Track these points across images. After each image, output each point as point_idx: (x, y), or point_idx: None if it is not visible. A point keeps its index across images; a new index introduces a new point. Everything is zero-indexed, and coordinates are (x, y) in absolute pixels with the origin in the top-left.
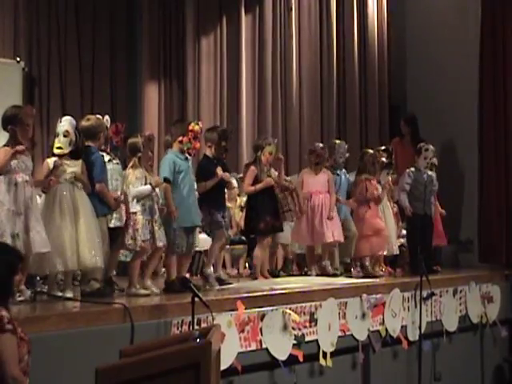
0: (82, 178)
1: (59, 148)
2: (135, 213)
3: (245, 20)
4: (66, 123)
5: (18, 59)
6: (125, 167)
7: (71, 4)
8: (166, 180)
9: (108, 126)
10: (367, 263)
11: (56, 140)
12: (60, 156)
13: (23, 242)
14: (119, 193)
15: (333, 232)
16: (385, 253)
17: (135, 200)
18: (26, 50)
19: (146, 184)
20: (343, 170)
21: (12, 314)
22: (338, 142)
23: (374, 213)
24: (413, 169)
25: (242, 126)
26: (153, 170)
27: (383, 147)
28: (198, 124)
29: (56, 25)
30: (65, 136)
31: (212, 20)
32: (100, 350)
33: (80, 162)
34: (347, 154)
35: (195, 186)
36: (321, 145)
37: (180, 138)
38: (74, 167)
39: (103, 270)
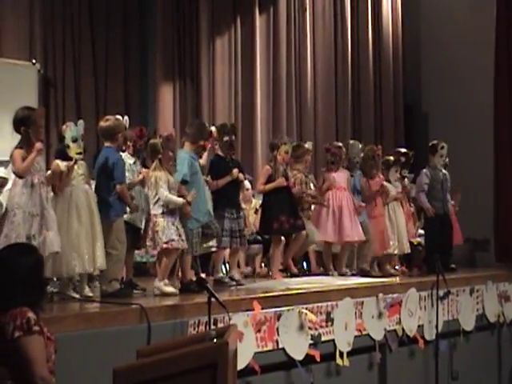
0: (89, 180)
1: (80, 153)
2: (156, 215)
3: (259, 20)
4: (81, 127)
5: (34, 61)
6: (144, 167)
7: (85, 6)
8: (184, 182)
9: (127, 126)
10: (380, 262)
11: (75, 145)
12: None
13: (38, 244)
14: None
15: (356, 232)
16: (395, 252)
17: (157, 203)
18: (42, 52)
19: (168, 187)
20: (358, 172)
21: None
22: (351, 142)
23: (379, 211)
24: (428, 168)
25: (256, 126)
26: (175, 171)
27: (404, 150)
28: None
29: (70, 27)
30: (82, 140)
31: (226, 20)
32: (117, 351)
33: (84, 163)
34: (362, 154)
35: (205, 186)
36: (339, 144)
37: (202, 142)
38: (83, 169)
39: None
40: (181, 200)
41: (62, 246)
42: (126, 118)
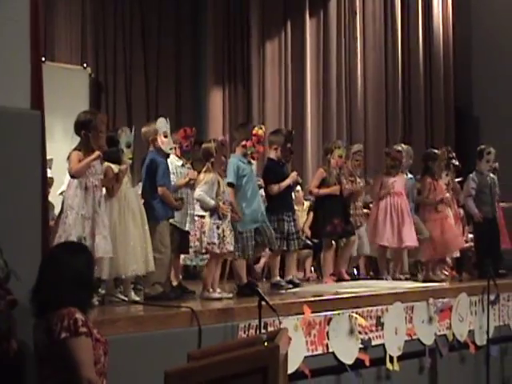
0: (132, 184)
1: (131, 159)
2: (203, 216)
3: (309, 24)
4: (133, 133)
5: (85, 65)
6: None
7: (136, 10)
8: (230, 185)
9: (168, 126)
10: (430, 266)
11: (128, 150)
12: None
13: (89, 246)
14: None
15: (412, 237)
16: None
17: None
18: (93, 57)
19: (218, 190)
20: (409, 175)
21: (90, 315)
22: (402, 146)
23: (442, 215)
24: (475, 173)
25: (306, 129)
26: (226, 175)
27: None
28: (261, 128)
29: (122, 31)
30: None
31: (276, 24)
32: (168, 354)
33: None
34: (411, 159)
35: (258, 189)
36: (398, 148)
37: (244, 143)
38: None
39: (167, 274)
40: (212, 203)
41: (116, 248)
42: (160, 119)
